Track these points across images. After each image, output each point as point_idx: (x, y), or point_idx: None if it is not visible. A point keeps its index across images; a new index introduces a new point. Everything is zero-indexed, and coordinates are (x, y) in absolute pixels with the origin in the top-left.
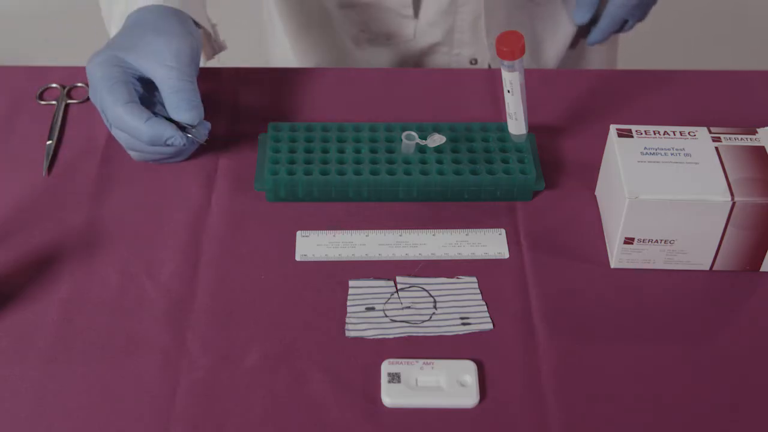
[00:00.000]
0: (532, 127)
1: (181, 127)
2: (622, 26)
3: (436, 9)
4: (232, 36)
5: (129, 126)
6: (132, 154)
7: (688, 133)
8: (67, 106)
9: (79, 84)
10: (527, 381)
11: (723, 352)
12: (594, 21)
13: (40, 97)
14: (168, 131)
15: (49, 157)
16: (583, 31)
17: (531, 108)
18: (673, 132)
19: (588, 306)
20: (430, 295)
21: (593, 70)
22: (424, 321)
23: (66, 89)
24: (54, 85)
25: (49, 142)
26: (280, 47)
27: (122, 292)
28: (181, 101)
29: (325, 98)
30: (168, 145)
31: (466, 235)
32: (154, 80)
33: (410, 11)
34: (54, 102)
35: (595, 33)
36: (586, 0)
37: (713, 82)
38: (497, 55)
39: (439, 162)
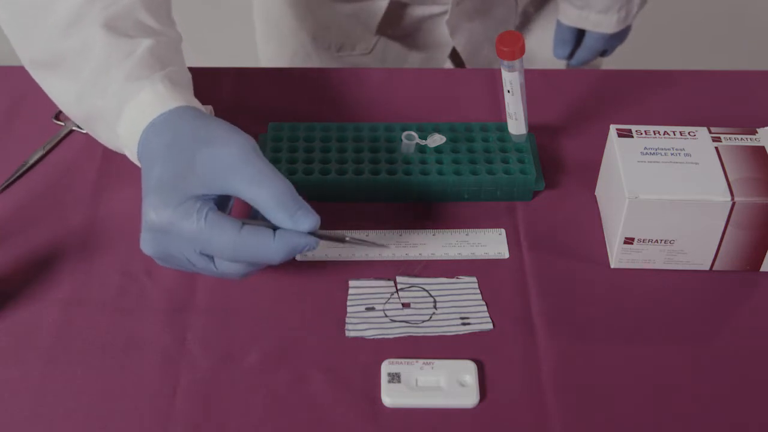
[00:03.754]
0: (532, 127)
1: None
2: (603, 53)
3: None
4: (231, 36)
5: (257, 252)
6: (232, 272)
7: (688, 133)
8: (70, 132)
9: None
10: (527, 381)
11: (723, 352)
12: (575, 51)
13: (57, 117)
14: (301, 240)
15: (16, 173)
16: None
17: (531, 108)
18: (673, 132)
19: (588, 306)
20: (430, 295)
21: (593, 70)
22: (424, 321)
23: None
24: None
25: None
26: (259, 42)
27: (122, 292)
28: (296, 211)
29: (325, 98)
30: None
31: (466, 235)
32: (245, 199)
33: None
34: (62, 123)
35: (575, 60)
36: (564, 38)
37: (713, 82)
38: (497, 55)
39: (439, 162)
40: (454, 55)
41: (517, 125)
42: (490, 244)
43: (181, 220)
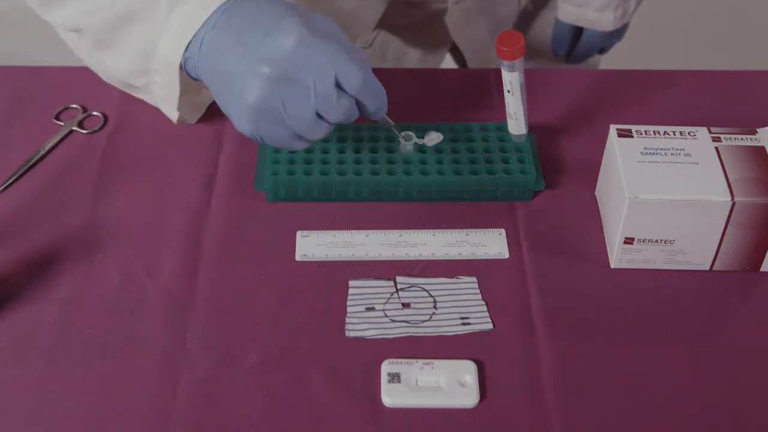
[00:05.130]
0: (532, 127)
1: None
2: (601, 50)
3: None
4: None
5: (376, 84)
6: (323, 130)
7: (688, 133)
8: (71, 132)
9: (95, 113)
10: (527, 381)
11: (723, 352)
12: (572, 50)
13: (57, 117)
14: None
15: (16, 173)
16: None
17: (531, 108)
18: (673, 132)
19: (588, 306)
20: (430, 295)
21: (593, 70)
22: (424, 321)
23: (81, 118)
24: (74, 106)
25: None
26: None
27: (122, 292)
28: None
29: None
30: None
31: (466, 235)
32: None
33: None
34: (62, 123)
35: (573, 58)
36: (562, 36)
37: (713, 82)
38: (497, 55)
39: (439, 162)
40: (455, 51)
41: (517, 125)
42: (490, 244)
43: (325, 39)
